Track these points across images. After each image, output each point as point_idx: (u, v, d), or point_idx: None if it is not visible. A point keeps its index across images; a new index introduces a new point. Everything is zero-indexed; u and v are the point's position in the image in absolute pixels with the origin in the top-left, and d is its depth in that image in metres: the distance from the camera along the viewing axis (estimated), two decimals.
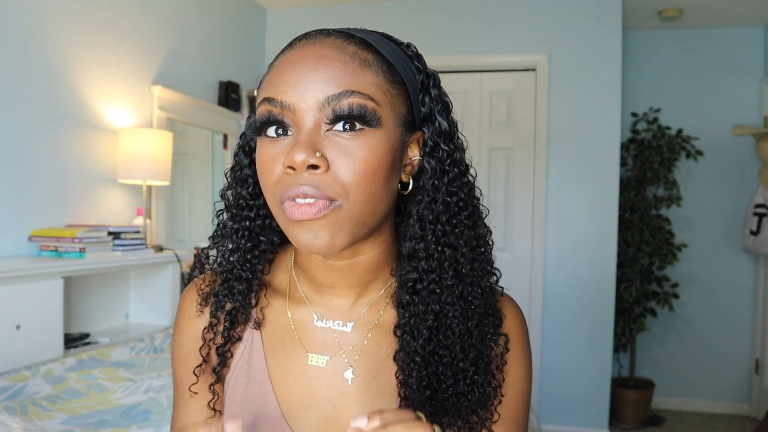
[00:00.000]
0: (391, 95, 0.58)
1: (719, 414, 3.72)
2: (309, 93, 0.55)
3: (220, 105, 3.21)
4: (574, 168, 3.27)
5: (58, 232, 2.06)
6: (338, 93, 0.54)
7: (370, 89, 0.56)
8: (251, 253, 0.67)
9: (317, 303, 0.68)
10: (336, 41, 0.57)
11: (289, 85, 0.55)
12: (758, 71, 3.66)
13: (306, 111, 0.55)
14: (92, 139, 2.35)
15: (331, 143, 0.55)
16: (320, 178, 0.54)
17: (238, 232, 0.67)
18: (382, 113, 0.57)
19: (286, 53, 0.59)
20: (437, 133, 0.62)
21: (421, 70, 0.63)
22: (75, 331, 2.25)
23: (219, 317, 0.68)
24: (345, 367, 0.66)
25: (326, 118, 0.55)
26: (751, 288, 3.72)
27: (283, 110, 0.56)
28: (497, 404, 0.65)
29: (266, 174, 0.58)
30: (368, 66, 0.57)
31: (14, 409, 1.48)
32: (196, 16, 3.04)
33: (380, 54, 0.59)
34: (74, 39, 2.25)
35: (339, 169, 0.55)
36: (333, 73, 0.55)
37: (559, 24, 3.27)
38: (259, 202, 0.67)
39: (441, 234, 0.62)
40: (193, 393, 0.69)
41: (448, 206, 0.62)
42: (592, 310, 3.25)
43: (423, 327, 0.62)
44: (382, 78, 0.57)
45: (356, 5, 3.47)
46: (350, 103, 0.54)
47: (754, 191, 3.61)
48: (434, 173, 0.62)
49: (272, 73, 0.58)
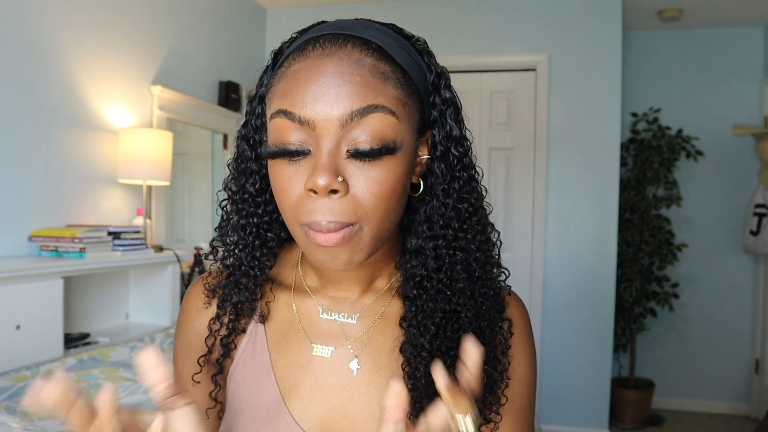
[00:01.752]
0: (408, 106, 0.57)
1: (719, 414, 3.72)
2: (329, 110, 0.53)
3: (220, 105, 3.21)
4: (574, 168, 3.27)
5: (58, 232, 2.06)
6: (362, 108, 0.53)
7: (391, 103, 0.55)
8: (259, 250, 0.67)
9: (323, 296, 0.69)
10: (353, 52, 0.55)
11: (307, 100, 0.54)
12: (758, 71, 3.66)
13: (327, 129, 0.54)
14: (92, 139, 2.35)
15: (351, 165, 0.55)
16: (340, 203, 0.54)
17: (245, 228, 0.66)
18: (401, 130, 0.56)
19: (300, 63, 0.56)
20: (448, 137, 0.62)
21: (432, 68, 0.62)
22: (75, 331, 2.25)
23: (225, 309, 0.69)
24: (350, 357, 0.66)
25: (348, 142, 0.54)
26: (751, 288, 3.72)
27: (303, 126, 0.54)
28: (504, 387, 0.65)
29: (284, 194, 0.57)
30: (387, 79, 0.55)
31: (14, 409, 1.48)
32: (196, 16, 3.04)
33: (396, 63, 0.57)
34: (74, 39, 2.25)
35: (359, 191, 0.55)
36: (354, 89, 0.54)
37: (559, 24, 3.27)
38: (265, 197, 0.66)
39: (452, 239, 0.62)
40: (195, 382, 0.69)
41: (459, 212, 0.62)
42: (592, 310, 3.25)
43: (431, 323, 0.63)
44: (400, 90, 0.56)
45: (356, 5, 3.47)
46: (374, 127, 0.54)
47: (754, 191, 3.61)
48: (444, 179, 0.61)
49: (286, 83, 0.56)
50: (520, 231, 3.38)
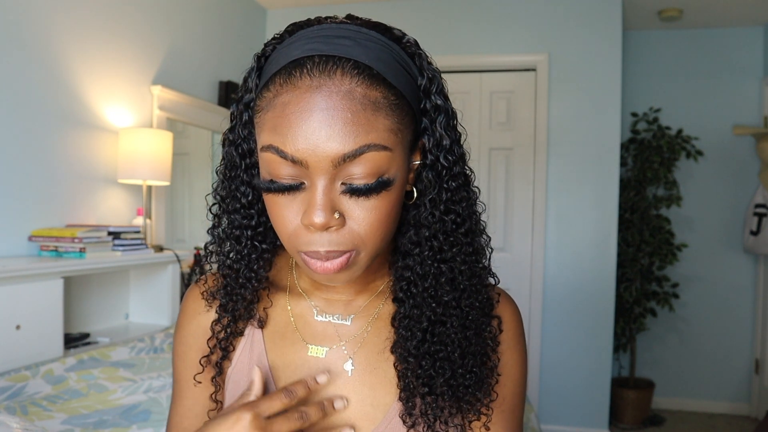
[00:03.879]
0: (401, 131, 0.56)
1: (719, 414, 3.72)
2: (321, 150, 0.52)
3: (220, 105, 3.21)
4: (574, 168, 3.27)
5: (58, 232, 2.06)
6: (354, 150, 0.53)
7: (383, 137, 0.54)
8: (256, 263, 0.67)
9: (317, 298, 0.70)
10: (343, 82, 0.53)
11: (298, 139, 0.53)
12: (758, 71, 3.66)
13: (320, 169, 0.53)
14: (92, 139, 2.35)
15: (346, 199, 0.55)
16: (338, 234, 0.56)
17: (240, 240, 0.66)
18: (395, 160, 0.56)
19: (289, 95, 0.54)
20: (437, 145, 0.60)
21: (423, 73, 0.60)
22: (75, 331, 2.25)
23: (223, 313, 0.70)
24: (345, 358, 0.67)
25: (342, 179, 0.54)
26: (751, 288, 3.72)
27: (295, 164, 0.54)
28: (494, 383, 0.66)
29: (281, 223, 0.57)
30: (378, 110, 0.54)
31: (14, 409, 1.48)
32: (196, 16, 3.04)
33: (388, 84, 0.55)
34: (74, 39, 2.25)
35: (355, 223, 0.56)
36: (345, 129, 0.52)
37: (559, 24, 3.27)
38: (258, 207, 0.66)
39: (438, 250, 0.62)
40: (197, 382, 0.70)
41: (445, 224, 0.62)
42: (592, 310, 3.25)
43: (417, 329, 0.63)
44: (392, 119, 0.55)
45: (356, 5, 3.47)
46: (367, 167, 0.54)
47: (754, 191, 3.61)
48: (433, 188, 0.61)
49: (275, 115, 0.54)
50: (520, 231, 3.38)
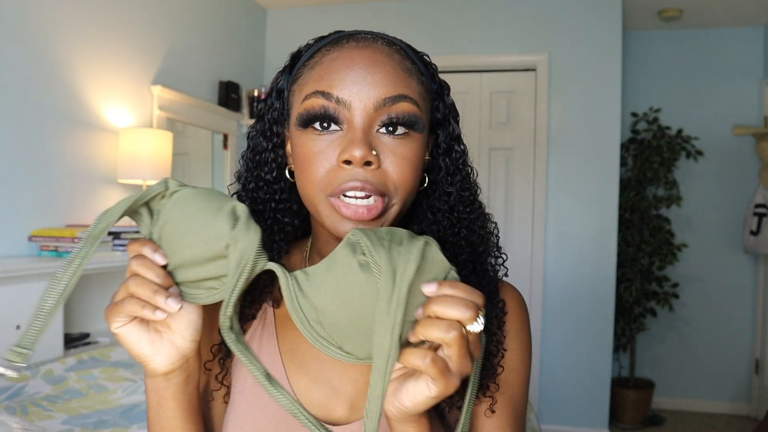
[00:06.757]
0: (426, 102, 0.64)
1: (719, 414, 3.72)
2: (366, 93, 0.59)
3: (220, 105, 3.21)
4: (574, 168, 3.27)
5: (58, 232, 2.06)
6: (394, 96, 0.59)
7: (415, 95, 0.61)
8: (277, 234, 0.68)
9: None
10: (383, 48, 0.62)
11: (345, 83, 0.59)
12: (758, 71, 3.66)
13: (362, 109, 0.59)
14: (92, 139, 2.35)
15: (381, 143, 0.60)
16: (373, 174, 0.58)
17: (263, 213, 0.68)
18: (423, 117, 0.62)
19: (336, 52, 0.61)
20: (451, 136, 0.68)
21: (436, 79, 0.68)
22: (75, 331, 2.25)
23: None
24: None
25: (380, 120, 0.60)
26: (751, 288, 3.72)
27: (338, 106, 0.59)
28: (500, 359, 0.67)
29: (313, 166, 0.60)
30: (412, 74, 0.62)
31: (14, 409, 1.48)
32: (196, 16, 3.04)
33: (416, 64, 0.64)
34: (74, 39, 2.25)
35: (388, 167, 0.60)
36: (387, 78, 0.60)
37: (559, 24, 3.27)
38: (281, 185, 0.68)
39: (456, 221, 0.67)
40: (207, 370, 0.70)
41: (462, 198, 0.68)
42: (592, 310, 3.25)
43: None
44: (420, 86, 0.63)
45: (356, 5, 3.47)
46: (404, 109, 0.60)
47: (754, 191, 3.61)
48: (449, 171, 0.68)
49: (322, 69, 0.61)
50: (520, 231, 3.38)
